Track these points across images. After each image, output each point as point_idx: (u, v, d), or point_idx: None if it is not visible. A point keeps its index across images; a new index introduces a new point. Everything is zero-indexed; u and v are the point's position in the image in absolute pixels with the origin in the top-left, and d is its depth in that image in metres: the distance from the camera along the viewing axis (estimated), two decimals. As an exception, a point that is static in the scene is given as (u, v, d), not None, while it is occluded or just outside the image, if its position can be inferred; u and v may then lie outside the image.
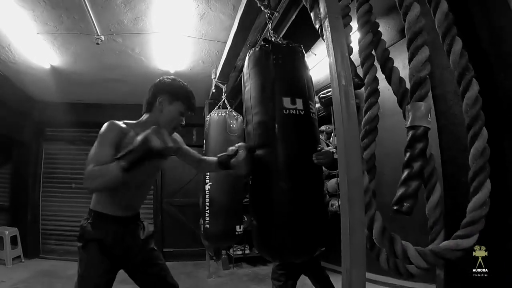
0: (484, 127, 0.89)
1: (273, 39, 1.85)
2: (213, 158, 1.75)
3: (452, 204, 0.96)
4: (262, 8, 2.11)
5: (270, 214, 1.45)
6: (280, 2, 2.26)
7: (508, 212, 0.90)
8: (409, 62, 0.90)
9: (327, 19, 0.91)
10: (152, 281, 1.60)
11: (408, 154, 0.89)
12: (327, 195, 3.13)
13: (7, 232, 4.07)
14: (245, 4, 2.31)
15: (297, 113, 1.51)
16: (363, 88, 1.25)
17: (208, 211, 2.81)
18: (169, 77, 1.60)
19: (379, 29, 1.30)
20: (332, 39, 0.89)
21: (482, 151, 0.88)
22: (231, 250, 4.55)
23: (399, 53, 1.90)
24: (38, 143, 4.88)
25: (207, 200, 2.84)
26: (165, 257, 1.87)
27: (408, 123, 0.91)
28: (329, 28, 0.90)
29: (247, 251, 4.53)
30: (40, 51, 3.23)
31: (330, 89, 3.86)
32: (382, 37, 1.27)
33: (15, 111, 4.36)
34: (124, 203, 1.53)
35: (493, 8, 0.93)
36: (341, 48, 0.89)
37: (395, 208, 0.81)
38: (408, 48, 0.91)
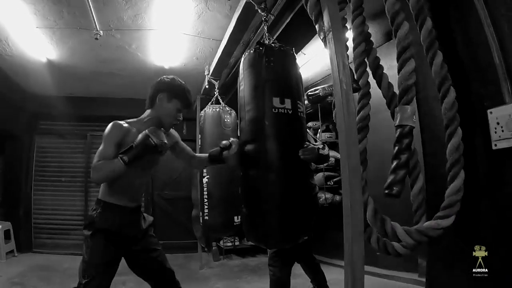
0: (459, 127, 1.07)
1: (267, 42, 1.98)
2: (204, 155, 1.94)
3: (433, 191, 1.13)
4: (259, 11, 2.24)
5: (257, 203, 1.59)
6: (275, 5, 2.39)
7: (479, 197, 1.07)
8: (398, 72, 1.07)
9: (331, 32, 1.05)
10: (152, 265, 1.70)
11: (396, 148, 1.06)
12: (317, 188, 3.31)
13: (0, 226, 4.02)
14: (243, 7, 2.43)
15: (285, 112, 1.64)
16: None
17: (206, 204, 2.90)
18: (169, 76, 1.74)
19: (371, 38, 1.47)
20: (335, 50, 1.04)
21: (457, 147, 1.06)
22: (221, 242, 4.67)
23: (384, 55, 2.07)
24: (30, 136, 4.81)
25: (205, 193, 2.92)
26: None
27: (397, 123, 1.08)
28: (333, 41, 1.05)
29: (236, 243, 4.68)
30: (37, 45, 3.21)
31: (318, 87, 4.08)
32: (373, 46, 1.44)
33: (8, 104, 4.29)
34: (129, 195, 1.64)
35: (470, 27, 1.09)
36: (342, 58, 1.04)
37: (386, 191, 0.98)
38: (397, 60, 1.08)
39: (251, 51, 1.80)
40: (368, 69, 1.43)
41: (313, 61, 3.75)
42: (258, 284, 3.26)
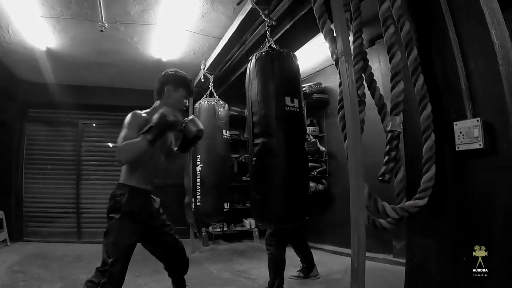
0: (433, 133, 1.40)
1: (274, 46, 2.26)
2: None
3: (411, 179, 1.45)
4: (263, 17, 2.50)
5: (270, 189, 1.86)
6: (274, 10, 2.65)
7: (445, 184, 1.38)
8: (391, 90, 1.40)
9: (344, 56, 1.36)
10: (166, 239, 1.91)
11: (388, 147, 1.40)
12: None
13: (-6, 215, 3.97)
14: (248, 11, 2.67)
15: (294, 110, 1.95)
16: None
17: (199, 191, 3.11)
18: (172, 69, 1.93)
19: (367, 56, 1.80)
20: (346, 71, 1.35)
21: (430, 147, 1.39)
22: (210, 228, 4.92)
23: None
24: (21, 124, 4.73)
25: (198, 180, 3.12)
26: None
27: (389, 128, 1.42)
28: (345, 63, 1.35)
29: (225, 229, 4.94)
30: (39, 34, 3.22)
31: (305, 85, 4.40)
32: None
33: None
34: (148, 178, 1.84)
35: (446, 58, 1.38)
36: (351, 78, 1.35)
37: (380, 178, 1.32)
38: (391, 81, 1.41)
39: (263, 54, 2.05)
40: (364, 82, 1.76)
41: (301, 60, 4.05)
42: (250, 265, 3.55)
